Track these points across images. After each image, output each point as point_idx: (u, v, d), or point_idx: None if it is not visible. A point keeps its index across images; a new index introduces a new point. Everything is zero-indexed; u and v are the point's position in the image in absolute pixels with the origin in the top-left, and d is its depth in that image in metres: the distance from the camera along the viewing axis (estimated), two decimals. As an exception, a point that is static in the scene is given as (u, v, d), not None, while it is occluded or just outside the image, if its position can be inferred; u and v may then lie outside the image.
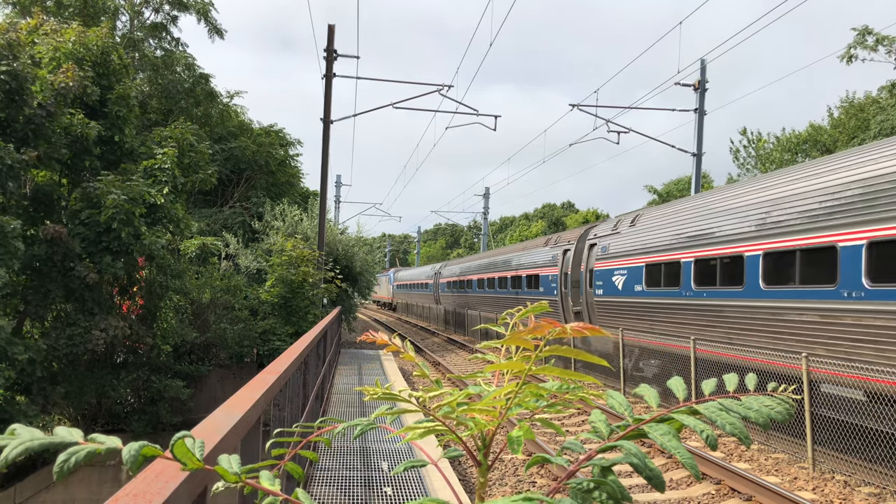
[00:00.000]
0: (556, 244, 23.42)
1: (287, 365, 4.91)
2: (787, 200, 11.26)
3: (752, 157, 41.34)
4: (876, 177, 9.57)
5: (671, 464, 10.36)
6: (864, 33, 28.35)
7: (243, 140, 27.67)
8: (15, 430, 0.76)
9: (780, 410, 0.91)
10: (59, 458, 0.75)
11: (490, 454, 1.10)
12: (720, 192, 14.16)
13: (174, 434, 0.84)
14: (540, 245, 25.63)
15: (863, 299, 9.54)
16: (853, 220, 9.80)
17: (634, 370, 16.80)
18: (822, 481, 9.39)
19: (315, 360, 9.18)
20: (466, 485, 9.44)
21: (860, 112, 33.17)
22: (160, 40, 27.48)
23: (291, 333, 19.40)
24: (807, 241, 10.59)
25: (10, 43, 14.53)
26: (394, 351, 1.23)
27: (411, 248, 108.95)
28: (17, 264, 13.67)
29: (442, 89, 23.42)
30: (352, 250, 27.17)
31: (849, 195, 9.98)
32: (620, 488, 0.93)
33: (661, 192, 53.06)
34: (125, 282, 16.52)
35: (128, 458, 0.78)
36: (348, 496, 7.24)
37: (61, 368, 15.66)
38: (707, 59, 24.12)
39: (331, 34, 22.91)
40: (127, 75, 18.26)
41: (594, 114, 25.05)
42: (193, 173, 17.87)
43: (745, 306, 11.99)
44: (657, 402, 1.07)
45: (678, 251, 14.30)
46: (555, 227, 69.28)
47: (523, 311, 1.12)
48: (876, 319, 9.32)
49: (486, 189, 53.60)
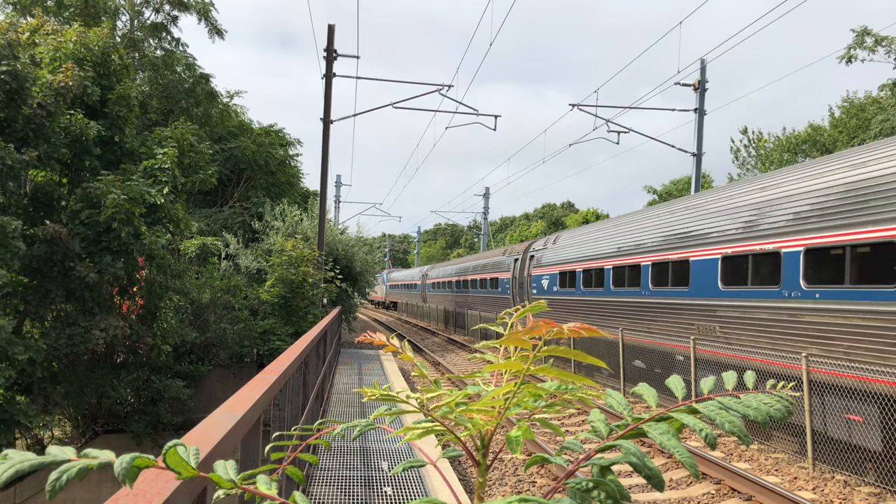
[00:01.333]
0: (510, 254, 28.93)
1: (287, 365, 4.90)
2: (628, 234, 17.38)
3: (752, 157, 41.35)
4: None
5: (671, 463, 10.36)
6: (863, 34, 28.34)
7: (243, 140, 27.66)
8: (7, 455, 0.77)
9: (780, 408, 0.91)
10: (50, 477, 0.76)
11: (489, 454, 1.10)
12: (602, 224, 21.08)
13: (174, 434, 0.84)
14: (499, 255, 31.49)
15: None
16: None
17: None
18: (821, 481, 9.39)
19: (315, 359, 9.17)
20: (467, 484, 9.43)
21: (861, 112, 33.17)
22: (160, 40, 27.48)
23: (291, 333, 19.39)
24: (625, 261, 17.16)
25: (11, 43, 14.53)
26: (393, 351, 1.23)
27: (411, 248, 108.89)
28: (17, 264, 13.67)
29: (442, 89, 23.42)
30: (352, 250, 27.17)
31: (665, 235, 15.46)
32: (619, 488, 0.93)
33: (661, 192, 53.05)
34: (125, 282, 16.51)
35: (119, 471, 0.77)
36: (348, 496, 7.24)
37: (61, 368, 15.67)
38: (707, 59, 24.10)
39: (330, 34, 22.92)
40: (127, 75, 18.26)
41: (594, 114, 25.03)
42: (193, 173, 17.86)
43: (604, 301, 18.40)
44: (656, 402, 1.07)
45: (574, 264, 20.74)
46: (554, 227, 69.36)
47: (522, 311, 1.12)
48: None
49: (486, 189, 53.58)
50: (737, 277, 12.41)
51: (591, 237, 20.19)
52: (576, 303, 20.28)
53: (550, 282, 22.58)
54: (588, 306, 19.49)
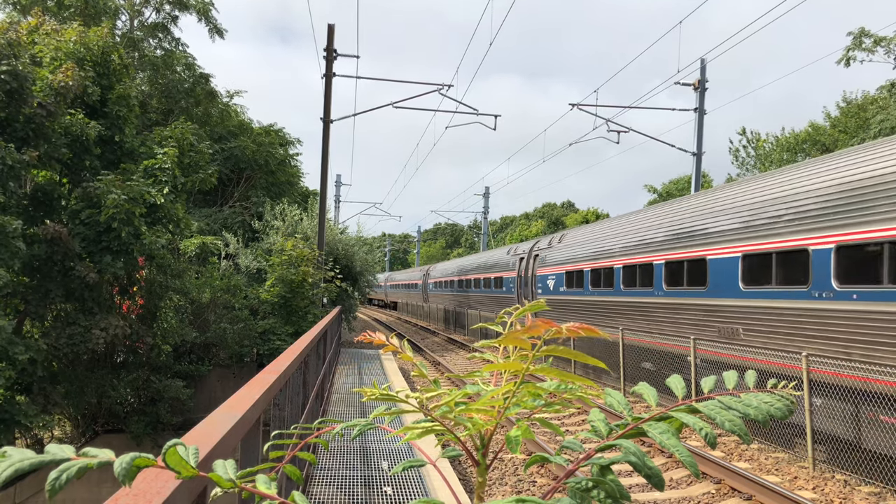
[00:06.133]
0: (514, 254, 28.50)
1: (287, 364, 4.90)
2: (634, 233, 17.20)
3: (751, 157, 41.35)
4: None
5: (671, 463, 10.36)
6: (861, 35, 28.35)
7: (243, 140, 27.66)
8: (6, 452, 0.77)
9: (780, 407, 0.91)
10: (50, 476, 0.75)
11: (489, 454, 1.10)
12: (611, 222, 20.56)
13: (174, 434, 0.84)
14: (503, 254, 31.14)
15: (661, 295, 15.14)
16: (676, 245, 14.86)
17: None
18: (822, 481, 9.38)
19: (315, 359, 9.17)
20: (467, 484, 9.43)
21: (860, 111, 33.15)
22: (160, 40, 27.48)
23: (291, 333, 19.38)
24: (635, 260, 16.84)
25: (11, 42, 14.53)
26: (393, 351, 1.23)
27: (411, 248, 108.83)
28: (17, 264, 13.67)
29: (442, 88, 23.43)
30: (352, 250, 27.17)
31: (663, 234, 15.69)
32: (619, 487, 0.93)
33: (661, 191, 53.03)
34: (125, 281, 16.51)
35: (119, 471, 0.77)
36: (348, 495, 7.24)
37: (61, 368, 15.66)
38: (707, 59, 24.11)
39: (330, 34, 22.91)
40: (127, 75, 18.25)
41: (594, 113, 25.02)
42: (193, 173, 17.86)
43: (614, 301, 18.03)
44: (656, 401, 1.06)
45: (581, 263, 20.43)
46: (554, 227, 69.34)
47: (521, 310, 1.12)
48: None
49: (486, 189, 53.56)
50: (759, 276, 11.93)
51: (598, 235, 19.89)
52: (583, 304, 20.02)
53: (556, 281, 22.46)
54: (596, 307, 19.12)
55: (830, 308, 10.26)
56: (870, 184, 9.74)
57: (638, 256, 16.61)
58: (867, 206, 9.72)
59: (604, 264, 18.66)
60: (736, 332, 12.60)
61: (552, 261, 23.08)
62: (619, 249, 17.78)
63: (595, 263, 19.21)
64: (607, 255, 18.51)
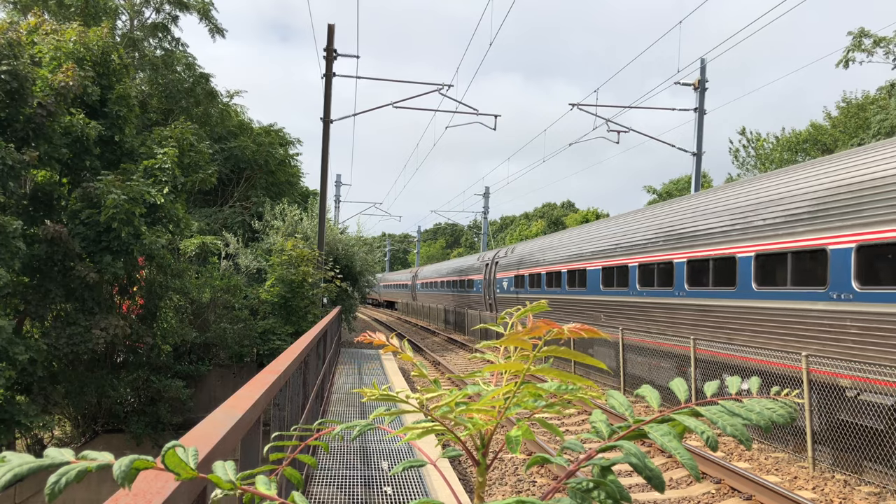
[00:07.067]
0: (482, 261, 34.96)
1: (287, 364, 4.90)
2: (558, 247, 23.06)
3: (751, 157, 41.35)
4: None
5: (671, 463, 10.36)
6: (861, 36, 28.33)
7: (243, 139, 27.66)
8: (5, 457, 0.77)
9: (782, 413, 0.91)
10: (49, 480, 0.75)
11: (489, 454, 1.10)
12: (556, 236, 25.73)
13: (174, 434, 0.83)
14: (474, 260, 37.90)
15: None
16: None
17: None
18: (821, 481, 9.38)
19: (315, 359, 9.17)
20: (467, 484, 9.43)
21: (860, 111, 33.15)
22: (160, 40, 27.46)
23: (291, 333, 19.39)
24: (571, 266, 21.53)
25: (11, 42, 14.52)
26: (393, 351, 1.23)
27: (411, 248, 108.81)
28: (17, 264, 13.67)
29: (442, 88, 23.42)
30: (352, 250, 27.17)
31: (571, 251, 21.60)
32: (620, 488, 0.93)
33: (661, 192, 53.03)
34: (125, 281, 16.50)
35: (118, 474, 0.77)
36: (348, 495, 7.23)
37: (62, 368, 15.66)
38: (707, 59, 24.10)
39: (330, 34, 22.91)
40: (127, 75, 18.25)
41: (594, 113, 25.01)
42: (193, 173, 17.85)
43: (541, 297, 20.64)
44: (658, 403, 1.06)
45: (523, 269, 26.60)
46: (554, 227, 69.30)
47: (522, 311, 1.11)
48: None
49: (486, 189, 53.51)
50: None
51: (535, 248, 26.13)
52: (522, 300, 22.83)
53: (508, 283, 29.01)
54: (531, 301, 23.79)
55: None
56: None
57: (556, 266, 22.92)
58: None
59: (537, 270, 24.88)
60: (599, 318, 16.74)
61: (506, 266, 29.46)
62: (548, 260, 24.08)
63: (531, 270, 25.62)
64: (539, 264, 24.80)
